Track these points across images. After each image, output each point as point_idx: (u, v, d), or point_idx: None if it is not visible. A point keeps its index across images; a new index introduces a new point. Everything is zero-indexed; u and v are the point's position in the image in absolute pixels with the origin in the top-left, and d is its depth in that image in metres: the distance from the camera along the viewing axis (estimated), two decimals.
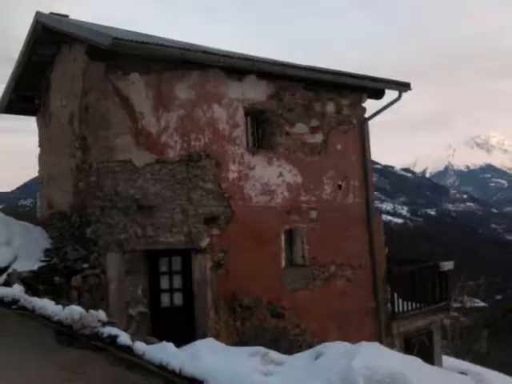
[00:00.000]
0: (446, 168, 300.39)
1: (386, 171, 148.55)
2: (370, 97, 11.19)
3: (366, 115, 11.11)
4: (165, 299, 8.75)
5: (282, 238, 9.79)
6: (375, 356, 3.92)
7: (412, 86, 10.80)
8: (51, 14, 10.17)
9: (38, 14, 9.89)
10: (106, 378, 4.71)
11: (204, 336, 7.45)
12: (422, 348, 11.29)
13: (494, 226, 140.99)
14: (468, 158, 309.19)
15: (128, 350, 5.41)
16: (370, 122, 11.14)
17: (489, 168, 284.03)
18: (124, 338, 5.62)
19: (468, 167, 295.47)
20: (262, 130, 10.02)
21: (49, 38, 9.99)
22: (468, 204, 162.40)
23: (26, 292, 7.39)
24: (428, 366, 4.07)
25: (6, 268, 8.32)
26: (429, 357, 10.81)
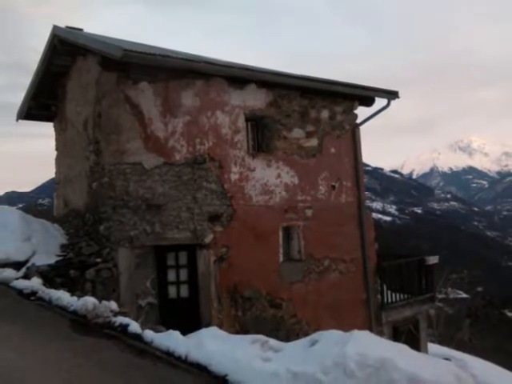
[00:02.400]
0: (432, 170, 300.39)
1: (376, 173, 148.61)
2: (362, 104, 11.20)
3: (358, 121, 11.13)
4: (172, 291, 8.74)
5: (280, 234, 9.79)
6: (366, 343, 3.92)
7: (400, 94, 10.81)
8: (67, 27, 10.17)
9: (54, 27, 9.89)
10: (118, 363, 4.72)
11: (208, 325, 7.44)
12: (409, 336, 11.30)
13: (475, 223, 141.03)
14: (451, 161, 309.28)
15: (138, 337, 5.42)
16: (362, 127, 11.17)
17: (471, 170, 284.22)
18: (134, 326, 5.63)
19: (451, 169, 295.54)
20: (262, 135, 10.02)
21: (65, 50, 9.99)
22: (452, 203, 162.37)
23: (44, 284, 7.39)
24: (414, 352, 4.06)
25: (26, 262, 8.32)
26: (415, 344, 10.81)
